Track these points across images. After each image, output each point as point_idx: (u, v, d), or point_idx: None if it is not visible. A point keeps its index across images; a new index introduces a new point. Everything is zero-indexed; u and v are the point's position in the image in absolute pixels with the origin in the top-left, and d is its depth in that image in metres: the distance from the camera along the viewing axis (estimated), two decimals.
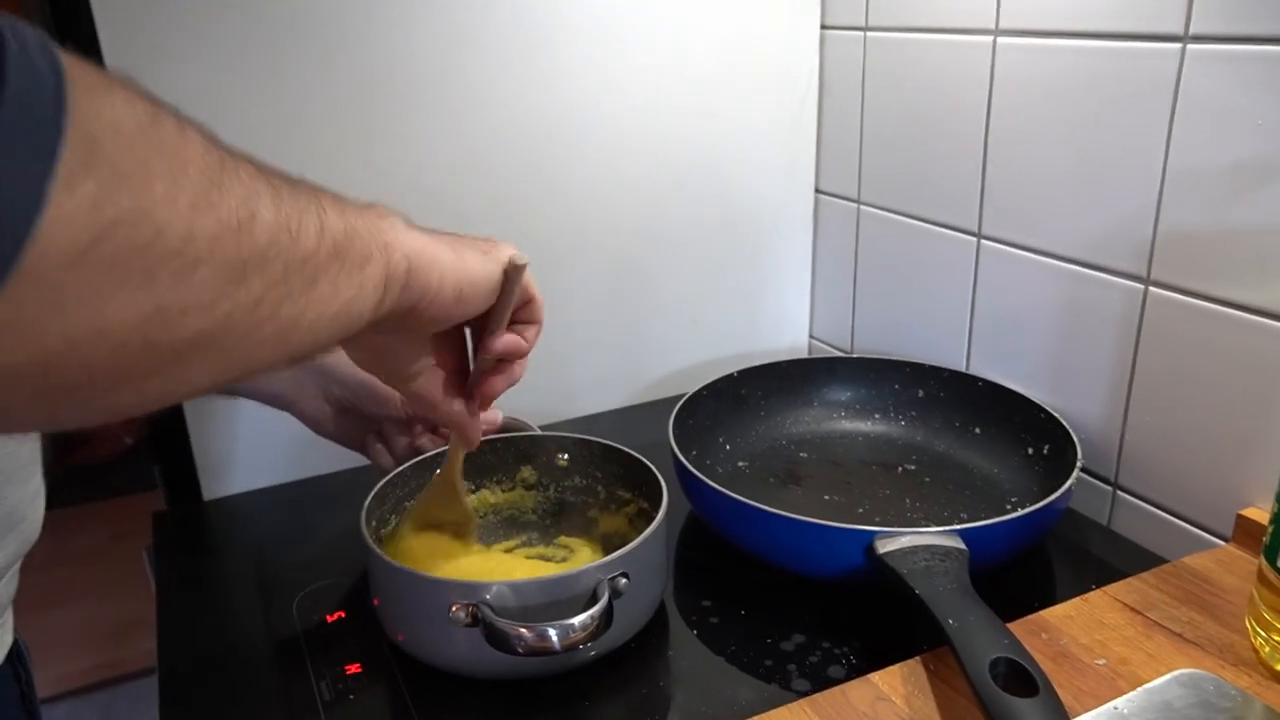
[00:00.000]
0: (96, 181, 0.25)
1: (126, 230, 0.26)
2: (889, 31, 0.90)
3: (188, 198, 0.29)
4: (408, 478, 0.70)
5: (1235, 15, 0.62)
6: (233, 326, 0.31)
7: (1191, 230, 0.67)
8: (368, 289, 0.39)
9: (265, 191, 0.33)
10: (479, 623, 0.55)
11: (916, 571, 0.59)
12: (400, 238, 0.42)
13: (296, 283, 0.34)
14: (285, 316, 0.34)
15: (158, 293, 0.28)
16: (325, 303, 0.36)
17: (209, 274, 0.29)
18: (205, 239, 0.29)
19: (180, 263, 0.28)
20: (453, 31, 0.84)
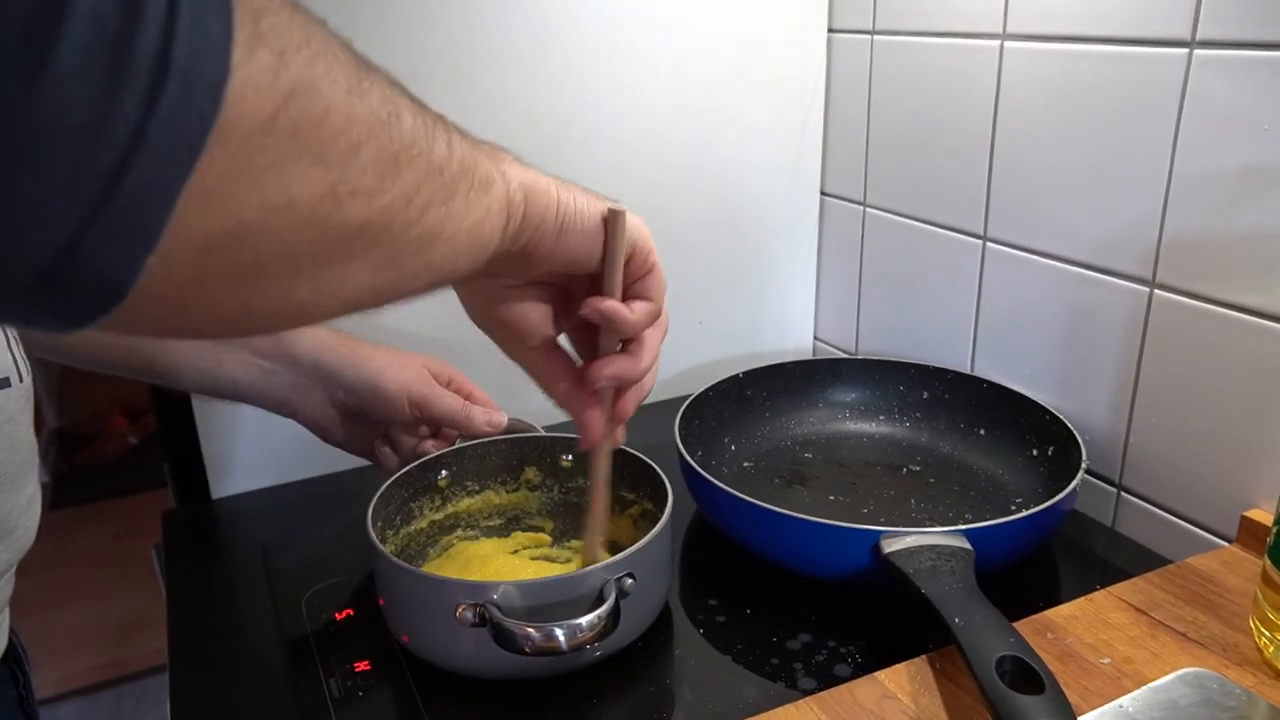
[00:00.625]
0: (269, 50, 0.26)
1: (301, 101, 0.27)
2: (896, 35, 0.91)
3: (344, 81, 0.29)
4: (413, 478, 0.70)
5: (1243, 20, 0.62)
6: (390, 221, 0.32)
7: (1197, 234, 0.68)
8: (494, 211, 0.40)
9: (401, 97, 0.34)
10: (486, 623, 0.56)
11: (922, 571, 0.59)
12: (515, 170, 0.43)
13: (437, 189, 0.35)
14: (430, 222, 0.34)
15: (331, 170, 0.29)
16: (461, 216, 0.37)
17: (369, 158, 0.30)
18: (364, 122, 0.30)
19: (346, 141, 0.29)
20: (462, 33, 0.84)
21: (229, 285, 0.28)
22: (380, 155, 0.31)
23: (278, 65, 0.26)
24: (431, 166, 0.34)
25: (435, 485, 0.72)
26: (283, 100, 0.26)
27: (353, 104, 0.29)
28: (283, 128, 0.26)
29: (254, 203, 0.27)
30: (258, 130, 0.26)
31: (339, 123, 0.29)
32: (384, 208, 0.32)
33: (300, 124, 0.27)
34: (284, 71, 0.26)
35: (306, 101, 0.27)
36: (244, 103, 0.25)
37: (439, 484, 0.72)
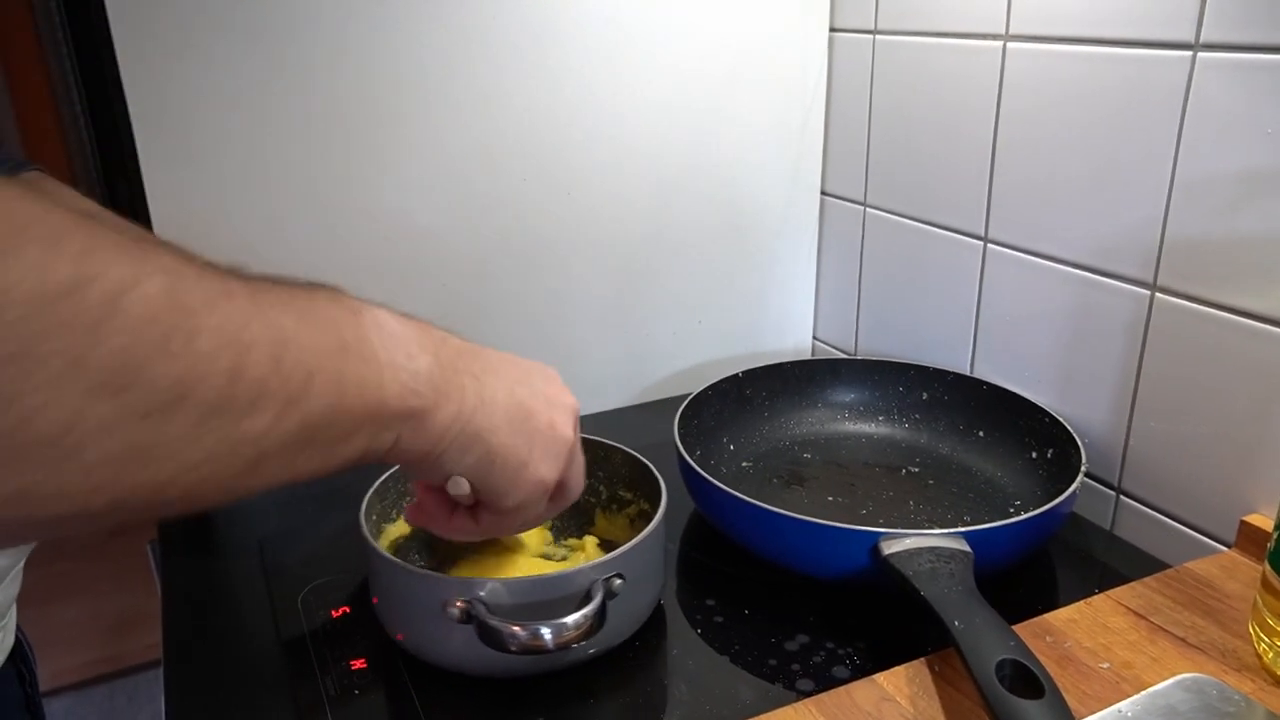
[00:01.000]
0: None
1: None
2: (898, 35, 0.91)
3: (86, 381, 0.25)
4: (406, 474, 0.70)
5: (1247, 23, 0.62)
6: (125, 503, 0.28)
7: (1199, 237, 0.68)
8: (334, 463, 0.37)
9: (226, 358, 0.29)
10: (473, 620, 0.55)
11: (921, 573, 0.59)
12: (408, 422, 0.40)
13: (228, 463, 0.31)
14: (201, 493, 0.31)
15: (20, 478, 0.25)
16: (268, 477, 0.34)
17: (95, 460, 0.26)
18: (96, 426, 0.25)
19: (55, 451, 0.25)
20: (461, 32, 0.84)
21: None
22: (120, 453, 0.26)
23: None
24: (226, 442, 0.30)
25: None
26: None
27: (86, 407, 0.25)
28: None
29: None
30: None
31: (47, 431, 0.24)
32: (113, 499, 0.27)
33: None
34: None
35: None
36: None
37: None
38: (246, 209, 0.82)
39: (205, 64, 0.76)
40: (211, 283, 0.29)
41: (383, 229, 0.87)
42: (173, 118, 0.77)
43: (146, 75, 0.75)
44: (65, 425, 0.24)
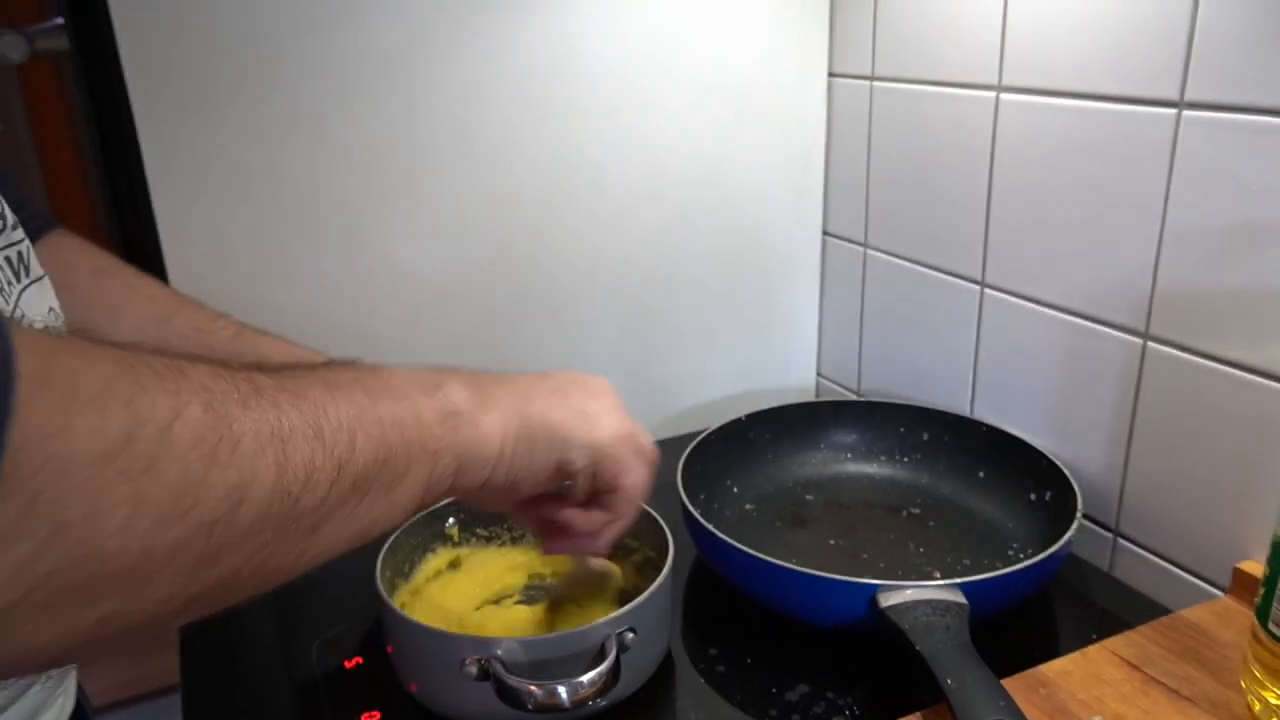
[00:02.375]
0: (29, 542, 0.24)
1: (63, 576, 0.24)
2: (895, 82, 0.92)
3: (151, 516, 0.26)
4: (421, 527, 0.72)
5: (1229, 84, 0.63)
6: (197, 601, 0.30)
7: (1189, 289, 0.69)
8: (400, 504, 0.38)
9: (269, 463, 0.30)
10: (490, 678, 0.57)
11: (918, 627, 0.61)
12: (457, 438, 0.41)
13: (293, 535, 0.32)
14: (273, 567, 0.32)
15: (100, 607, 0.26)
16: (336, 535, 0.35)
17: (167, 578, 0.28)
18: (165, 549, 0.27)
19: (131, 579, 0.26)
20: (470, 83, 0.86)
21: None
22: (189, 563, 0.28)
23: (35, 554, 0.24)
24: (288, 518, 0.32)
25: (444, 533, 0.74)
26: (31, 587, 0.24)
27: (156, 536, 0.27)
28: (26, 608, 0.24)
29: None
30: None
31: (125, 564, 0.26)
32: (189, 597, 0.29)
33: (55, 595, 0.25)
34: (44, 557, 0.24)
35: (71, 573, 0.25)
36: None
37: (448, 532, 0.74)
38: (259, 259, 0.84)
39: (218, 119, 0.79)
40: (243, 387, 0.31)
41: (394, 277, 0.89)
42: (186, 171, 0.79)
43: (161, 131, 0.77)
44: (139, 557, 0.26)
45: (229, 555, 0.30)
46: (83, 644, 0.27)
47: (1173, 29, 0.66)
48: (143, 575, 0.27)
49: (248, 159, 0.81)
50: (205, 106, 0.78)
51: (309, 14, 0.79)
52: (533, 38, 0.87)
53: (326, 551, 0.35)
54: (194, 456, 0.28)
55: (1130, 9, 0.69)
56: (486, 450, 0.43)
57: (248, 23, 0.77)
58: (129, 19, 0.74)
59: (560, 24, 0.88)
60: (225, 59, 0.77)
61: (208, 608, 0.31)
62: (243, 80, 0.79)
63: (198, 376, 0.29)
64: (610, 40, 0.90)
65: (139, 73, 0.75)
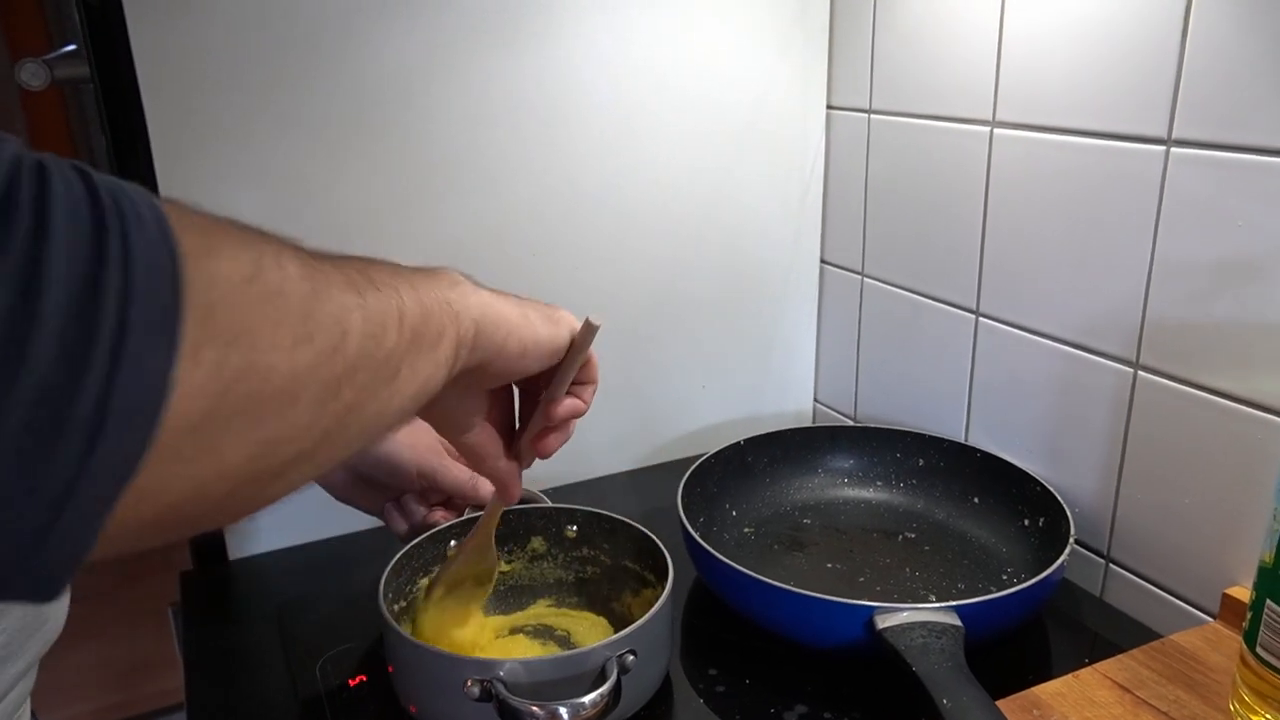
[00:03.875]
0: (214, 349, 0.27)
1: (241, 385, 0.28)
2: (891, 116, 0.95)
3: (290, 336, 0.30)
4: (424, 549, 0.73)
5: (1215, 123, 0.66)
6: (327, 437, 0.33)
7: (1178, 320, 0.71)
8: (442, 362, 0.41)
9: (354, 304, 0.35)
10: (492, 699, 0.58)
11: (914, 648, 0.62)
12: (468, 301, 0.44)
13: (381, 380, 0.36)
14: (371, 412, 0.36)
15: (266, 429, 0.30)
16: (406, 388, 0.38)
17: (309, 402, 0.31)
18: (306, 371, 0.31)
19: (285, 399, 0.30)
20: (475, 110, 0.88)
21: (163, 536, 0.29)
22: (318, 393, 0.32)
23: (222, 360, 0.27)
24: (377, 364, 0.35)
25: (445, 556, 0.75)
26: (223, 393, 0.28)
27: (296, 358, 0.30)
28: (220, 418, 0.28)
29: (186, 488, 0.28)
30: (193, 430, 0.27)
31: (280, 384, 0.30)
32: (321, 432, 0.33)
33: (239, 406, 0.28)
34: (228, 364, 0.28)
35: (245, 383, 0.28)
36: (181, 411, 0.26)
37: (449, 555, 0.75)
38: None
39: (230, 153, 0.81)
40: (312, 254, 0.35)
41: None
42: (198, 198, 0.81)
43: (175, 159, 0.79)
44: (288, 377, 0.30)
45: (345, 388, 0.33)
46: (252, 475, 0.30)
47: (1160, 69, 0.68)
48: (291, 395, 0.30)
49: (257, 187, 0.82)
50: (218, 134, 0.80)
51: (318, 44, 0.81)
52: (536, 68, 0.89)
53: (403, 406, 0.39)
54: (305, 289, 0.32)
55: (1119, 49, 0.71)
56: (495, 311, 0.46)
57: (261, 53, 0.79)
58: (147, 47, 0.75)
59: (563, 56, 0.90)
60: (238, 88, 0.79)
61: (331, 452, 0.34)
62: (254, 111, 0.80)
63: (279, 242, 0.33)
64: (613, 70, 0.92)
65: (156, 100, 0.77)
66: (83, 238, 0.24)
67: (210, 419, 0.27)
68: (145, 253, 0.26)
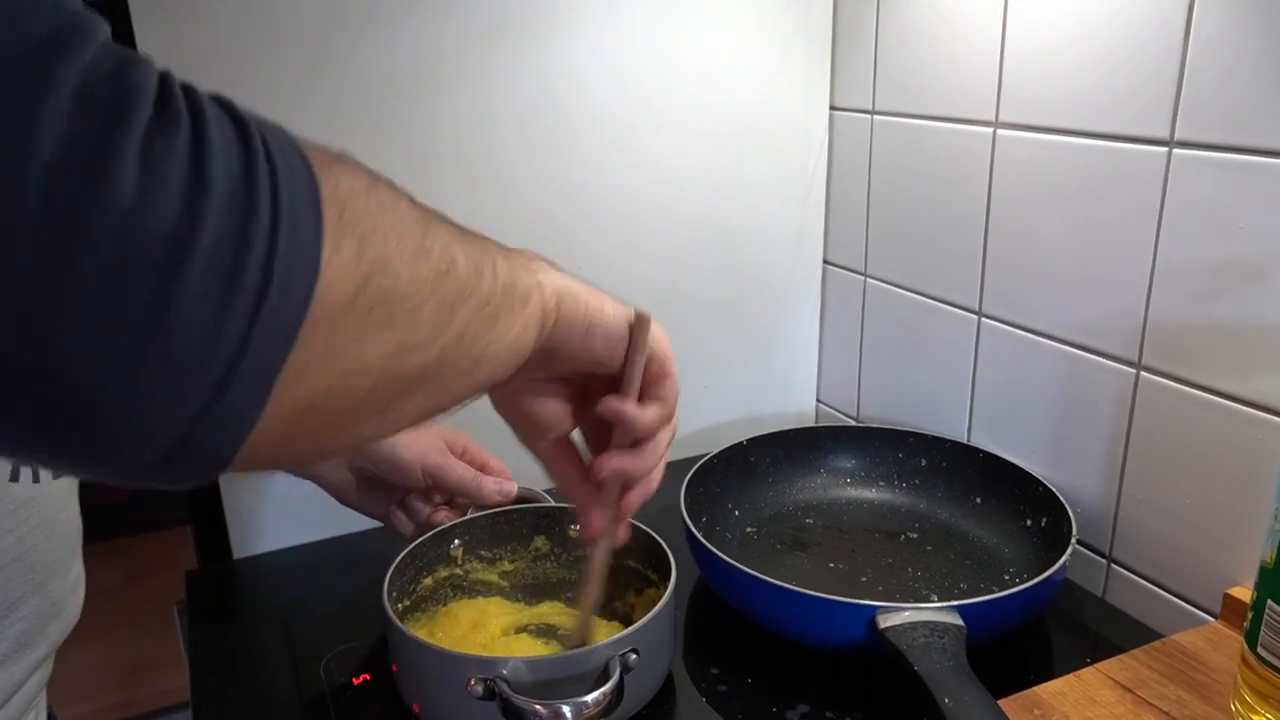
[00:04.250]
0: (351, 239, 0.30)
1: (377, 278, 0.31)
2: (894, 117, 0.95)
3: (411, 247, 0.33)
4: (428, 548, 0.73)
5: (1217, 125, 0.66)
6: (444, 359, 0.35)
7: (1180, 321, 0.71)
8: (531, 323, 0.43)
9: (457, 240, 0.37)
10: (495, 697, 0.58)
11: (915, 648, 0.62)
12: (549, 277, 0.45)
13: (484, 319, 0.38)
14: (478, 350, 0.38)
15: (399, 331, 0.32)
16: (503, 336, 0.40)
17: (430, 312, 0.34)
18: (427, 281, 0.33)
19: (412, 304, 0.33)
20: (479, 112, 0.88)
21: (310, 438, 0.32)
22: (439, 308, 0.34)
23: (359, 252, 0.30)
24: (479, 300, 0.37)
25: (449, 555, 0.75)
26: (363, 282, 0.30)
27: (417, 268, 0.33)
28: (362, 305, 0.30)
29: (336, 372, 0.30)
30: (341, 313, 0.30)
31: (407, 288, 0.32)
32: (440, 350, 0.35)
33: (376, 298, 0.31)
34: (364, 256, 0.30)
35: (381, 277, 0.31)
36: (331, 291, 0.29)
37: (452, 554, 0.75)
38: None
39: None
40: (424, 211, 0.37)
41: None
42: None
43: None
44: (411, 283, 0.33)
45: (459, 311, 0.36)
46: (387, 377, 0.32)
47: (1163, 71, 0.68)
48: (417, 300, 0.33)
49: None
50: None
51: (321, 48, 0.81)
52: (539, 71, 0.89)
53: (500, 356, 0.40)
54: (416, 213, 0.35)
55: (1122, 50, 0.71)
56: (572, 287, 0.47)
57: (264, 56, 0.79)
58: (152, 48, 0.76)
59: (566, 57, 0.90)
60: (242, 89, 0.79)
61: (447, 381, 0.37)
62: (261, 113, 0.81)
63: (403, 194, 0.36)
64: (616, 72, 0.93)
65: None
66: (230, 132, 0.28)
67: (353, 305, 0.30)
68: (283, 151, 0.29)
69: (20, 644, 0.54)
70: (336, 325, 0.30)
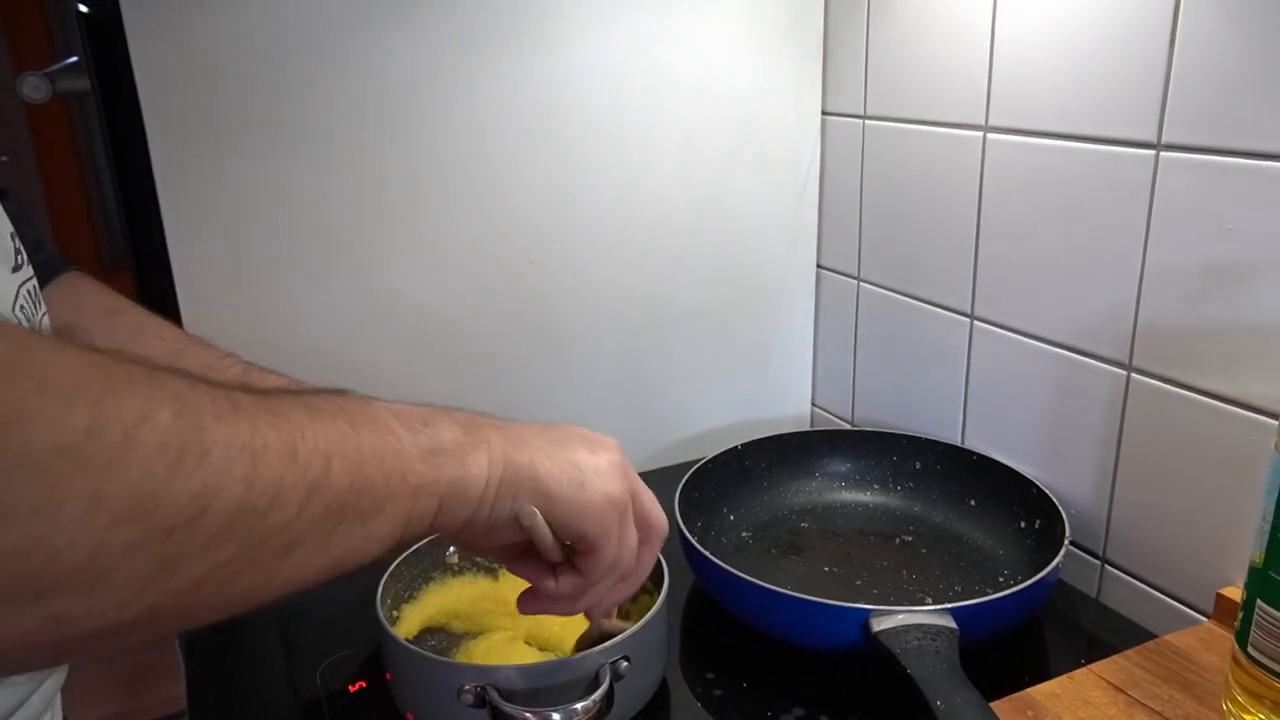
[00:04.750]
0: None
1: (13, 564, 0.25)
2: (886, 121, 0.95)
3: (108, 514, 0.26)
4: (422, 555, 0.74)
5: (1204, 128, 0.66)
6: (159, 612, 0.29)
7: (1170, 323, 0.71)
8: (375, 538, 0.38)
9: (240, 466, 0.30)
10: (486, 705, 0.58)
11: (909, 651, 0.62)
12: (442, 475, 0.40)
13: (261, 555, 0.32)
14: (240, 587, 0.32)
15: (52, 605, 0.26)
16: (306, 563, 0.34)
17: (124, 580, 0.27)
18: (121, 549, 0.27)
19: (83, 578, 0.26)
20: (475, 119, 0.89)
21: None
22: (146, 568, 0.28)
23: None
24: (255, 537, 0.31)
25: (445, 562, 0.75)
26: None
27: (111, 535, 0.27)
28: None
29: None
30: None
31: (74, 563, 0.26)
32: (147, 607, 0.29)
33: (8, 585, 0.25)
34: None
35: (20, 561, 0.25)
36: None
37: (449, 560, 0.76)
38: (264, 299, 0.86)
39: (229, 164, 0.81)
40: (219, 401, 0.31)
41: (394, 313, 0.91)
42: (198, 215, 0.82)
43: (175, 169, 0.80)
44: (91, 555, 0.26)
45: (189, 565, 0.29)
46: (36, 644, 0.27)
47: (1149, 73, 0.69)
48: (94, 574, 0.26)
49: (258, 198, 0.83)
50: (218, 145, 0.81)
51: (317, 55, 0.82)
52: (532, 79, 0.90)
53: (297, 579, 0.35)
54: (158, 460, 0.28)
55: (1109, 54, 0.72)
56: (470, 491, 0.42)
57: (259, 65, 0.80)
58: (147, 59, 0.76)
59: (560, 63, 0.91)
60: (237, 98, 0.80)
61: (170, 622, 0.30)
62: (254, 122, 0.81)
63: (173, 385, 0.30)
64: (608, 79, 0.93)
65: (156, 114, 0.78)
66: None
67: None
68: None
69: None
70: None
